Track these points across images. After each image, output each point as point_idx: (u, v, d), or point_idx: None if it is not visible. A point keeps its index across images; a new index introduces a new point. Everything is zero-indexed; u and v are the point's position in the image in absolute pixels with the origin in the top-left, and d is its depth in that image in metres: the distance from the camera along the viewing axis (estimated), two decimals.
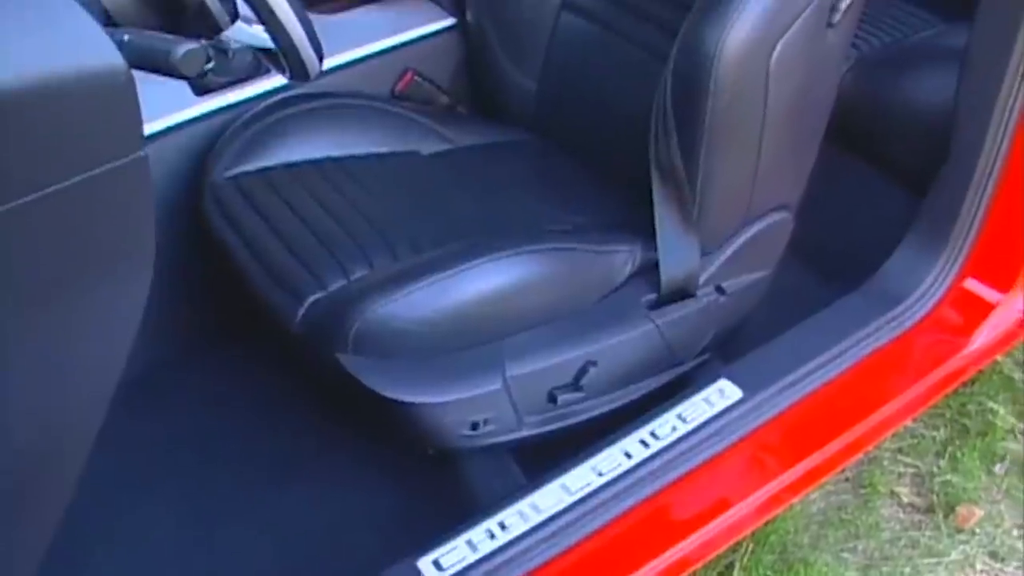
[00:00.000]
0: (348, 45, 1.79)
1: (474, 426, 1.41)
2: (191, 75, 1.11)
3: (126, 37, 1.07)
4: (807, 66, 1.43)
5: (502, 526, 1.35)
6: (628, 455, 1.43)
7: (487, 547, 1.33)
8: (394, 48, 1.83)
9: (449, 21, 1.88)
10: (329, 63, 1.74)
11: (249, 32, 1.21)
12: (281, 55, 1.22)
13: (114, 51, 0.83)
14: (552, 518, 1.36)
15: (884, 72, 1.87)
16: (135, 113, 0.87)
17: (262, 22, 1.18)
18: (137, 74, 0.93)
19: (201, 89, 1.66)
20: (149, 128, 1.59)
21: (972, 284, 1.73)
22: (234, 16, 1.21)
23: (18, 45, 0.79)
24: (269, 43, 1.21)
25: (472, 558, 1.32)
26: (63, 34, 0.81)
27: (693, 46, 1.37)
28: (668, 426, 1.46)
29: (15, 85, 0.79)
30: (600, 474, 1.41)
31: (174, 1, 1.19)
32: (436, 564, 1.30)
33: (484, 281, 1.39)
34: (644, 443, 1.45)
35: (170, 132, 1.64)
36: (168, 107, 1.62)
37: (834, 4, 1.42)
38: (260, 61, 1.30)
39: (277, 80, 1.68)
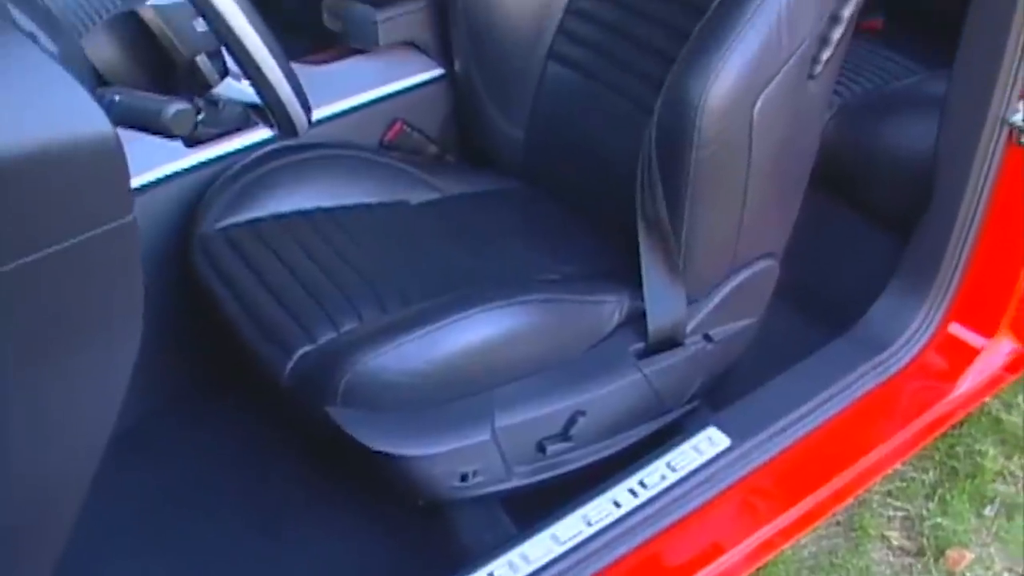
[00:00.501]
0: (337, 96, 1.81)
1: (463, 477, 1.42)
2: (181, 134, 1.12)
3: (117, 97, 1.09)
4: (790, 117, 1.45)
5: None
6: (617, 504, 1.44)
7: None
8: (383, 98, 1.84)
9: (437, 71, 1.90)
10: (318, 114, 1.75)
11: (238, 88, 1.23)
12: (269, 112, 1.24)
13: (103, 119, 0.85)
14: (542, 568, 1.37)
15: (867, 119, 1.90)
16: (124, 178, 0.89)
17: (250, 80, 1.19)
18: None
19: (192, 141, 1.66)
20: (140, 180, 1.61)
21: (957, 329, 1.75)
22: (223, 73, 1.23)
23: (9, 114, 0.81)
24: (258, 99, 1.23)
25: None
26: (53, 102, 0.83)
27: (677, 98, 1.38)
28: (657, 475, 1.47)
29: (6, 153, 0.80)
30: (590, 523, 1.42)
31: (164, 59, 1.20)
32: None
33: (473, 333, 1.40)
34: (633, 492, 1.45)
35: (161, 183, 1.65)
36: (159, 159, 1.63)
37: (815, 56, 1.45)
38: (250, 114, 1.31)
39: (267, 131, 1.68)
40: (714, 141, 1.38)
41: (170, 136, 1.12)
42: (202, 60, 1.20)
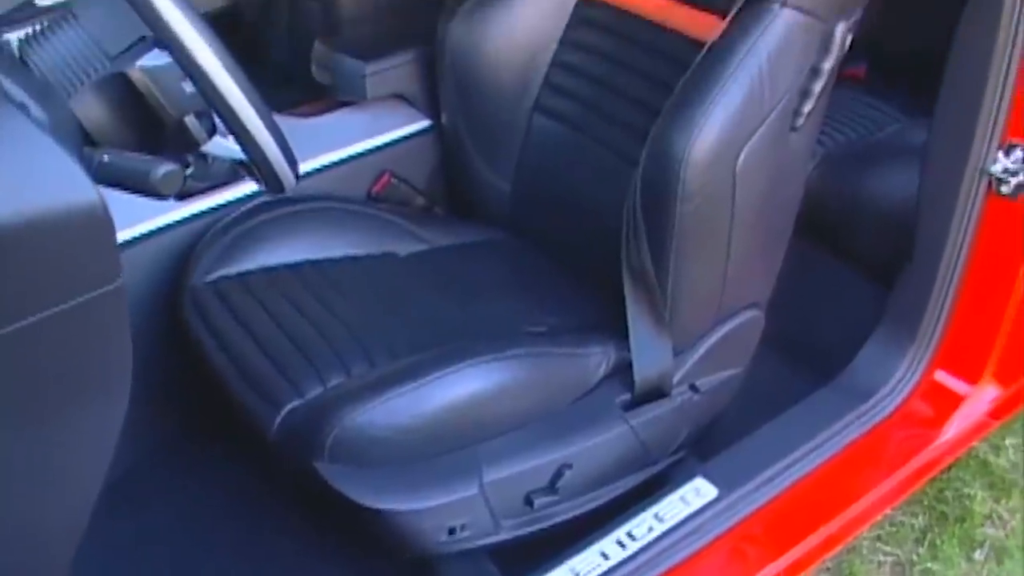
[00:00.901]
0: (325, 148, 1.83)
1: (452, 531, 1.41)
2: (169, 195, 1.13)
3: (106, 158, 1.10)
4: (773, 169, 1.46)
5: None
6: (605, 556, 1.45)
7: None
8: (371, 151, 1.86)
9: (425, 123, 1.91)
10: (307, 166, 1.78)
11: (227, 146, 1.24)
12: (256, 170, 1.25)
13: (92, 190, 0.86)
14: None
15: (850, 169, 1.92)
16: (112, 246, 0.90)
17: (236, 140, 1.21)
18: None
19: (182, 194, 1.68)
20: (132, 232, 1.62)
21: (942, 376, 1.76)
22: (212, 132, 1.24)
23: (0, 185, 0.82)
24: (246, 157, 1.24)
25: None
26: (43, 174, 0.85)
27: (661, 152, 1.40)
28: (645, 526, 1.48)
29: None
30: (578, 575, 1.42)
31: (153, 119, 1.21)
32: None
33: (461, 387, 1.40)
34: (621, 544, 1.46)
35: (152, 236, 1.66)
36: (150, 211, 1.64)
37: (797, 108, 1.46)
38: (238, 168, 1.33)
39: (256, 184, 1.70)
40: (698, 194, 1.39)
41: (158, 196, 1.13)
42: (191, 120, 1.22)
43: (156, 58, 1.17)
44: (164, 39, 1.12)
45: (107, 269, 0.91)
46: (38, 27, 1.16)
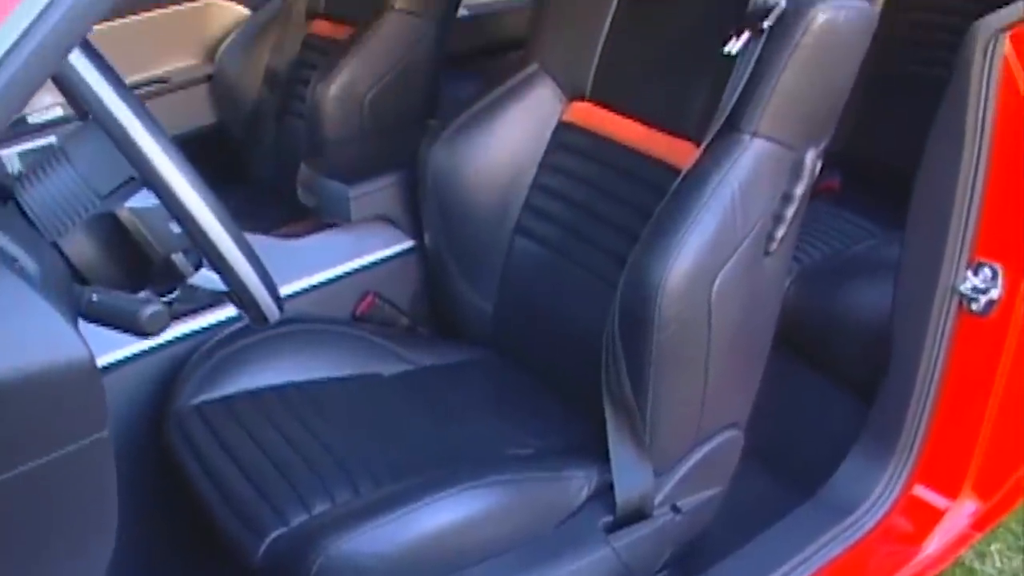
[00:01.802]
0: (310, 269, 1.86)
1: None
2: (154, 333, 1.16)
3: (95, 297, 1.12)
4: (747, 294, 1.49)
5: None
6: None
7: None
8: (355, 271, 1.90)
9: (408, 244, 1.95)
10: (292, 288, 1.81)
11: (212, 278, 1.27)
12: (240, 302, 1.28)
13: (82, 347, 0.89)
14: None
15: (826, 284, 1.95)
16: (100, 398, 0.93)
17: (221, 277, 1.24)
18: None
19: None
20: (117, 355, 1.64)
21: (921, 491, 1.77)
22: (198, 266, 1.27)
23: None
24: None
25: None
26: (34, 333, 0.87)
27: (638, 280, 1.42)
28: None
29: None
30: None
31: (141, 255, 1.24)
32: None
33: (444, 515, 1.41)
34: None
35: (138, 358, 1.68)
36: None
37: (770, 233, 1.49)
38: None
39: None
40: (674, 321, 1.41)
41: (144, 335, 1.15)
42: (178, 257, 1.25)
43: (144, 199, 1.20)
44: (149, 181, 1.15)
45: (94, 419, 0.93)
46: (31, 163, 1.19)
